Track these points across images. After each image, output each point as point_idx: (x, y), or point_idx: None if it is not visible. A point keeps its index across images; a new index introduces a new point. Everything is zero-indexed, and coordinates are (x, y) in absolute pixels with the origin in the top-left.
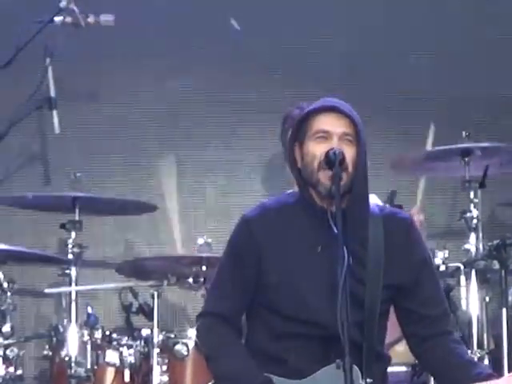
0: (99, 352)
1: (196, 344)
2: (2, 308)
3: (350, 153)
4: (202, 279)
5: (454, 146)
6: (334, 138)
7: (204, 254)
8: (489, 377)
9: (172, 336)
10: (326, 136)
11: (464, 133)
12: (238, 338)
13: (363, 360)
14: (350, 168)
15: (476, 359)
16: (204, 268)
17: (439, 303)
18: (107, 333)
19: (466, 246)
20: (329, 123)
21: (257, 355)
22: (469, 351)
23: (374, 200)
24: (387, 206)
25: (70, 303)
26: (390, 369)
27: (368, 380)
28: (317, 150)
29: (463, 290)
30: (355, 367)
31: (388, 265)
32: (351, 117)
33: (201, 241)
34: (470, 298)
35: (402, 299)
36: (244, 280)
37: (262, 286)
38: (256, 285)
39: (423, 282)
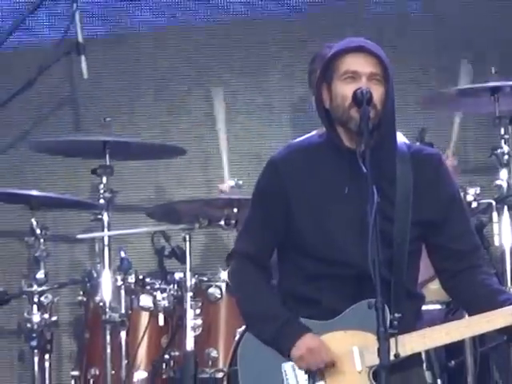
0: (133, 297)
1: (227, 285)
2: (36, 255)
3: (378, 92)
4: (233, 221)
5: (483, 84)
6: (363, 78)
7: (235, 196)
8: None
9: (205, 279)
10: (354, 76)
11: (493, 69)
12: (266, 278)
13: (391, 297)
14: (379, 106)
15: None
16: (235, 210)
17: (469, 238)
18: (140, 277)
19: (498, 182)
20: (357, 63)
21: (289, 297)
22: (503, 287)
23: (401, 138)
24: (417, 143)
25: (103, 248)
26: (424, 307)
27: (396, 315)
28: (346, 90)
29: (496, 226)
30: (385, 305)
31: (416, 201)
32: (379, 56)
33: (232, 182)
34: (503, 234)
35: (432, 235)
36: (272, 221)
37: (291, 228)
38: (285, 227)
39: (452, 218)
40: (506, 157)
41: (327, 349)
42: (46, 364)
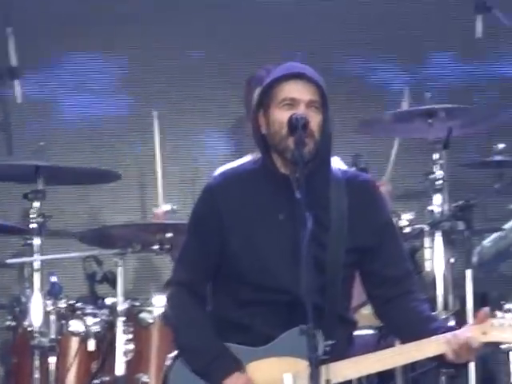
0: (63, 321)
1: (164, 311)
2: None
3: (316, 119)
4: (167, 246)
5: (417, 108)
6: (301, 106)
7: (170, 221)
8: (449, 329)
9: (137, 304)
10: (292, 103)
11: (427, 94)
12: (202, 308)
13: (324, 323)
14: (317, 134)
15: None
16: (169, 235)
17: (402, 264)
18: (71, 302)
19: (431, 208)
20: (296, 90)
21: (222, 323)
22: (434, 312)
23: (338, 163)
24: (352, 169)
25: (33, 273)
26: (356, 332)
27: (329, 341)
28: (285, 117)
29: (428, 251)
30: (318, 331)
31: (351, 228)
32: (318, 84)
33: (167, 207)
34: (435, 259)
35: (365, 261)
36: (208, 249)
37: (226, 255)
38: (220, 254)
39: (386, 244)
40: (439, 182)
41: None
42: None
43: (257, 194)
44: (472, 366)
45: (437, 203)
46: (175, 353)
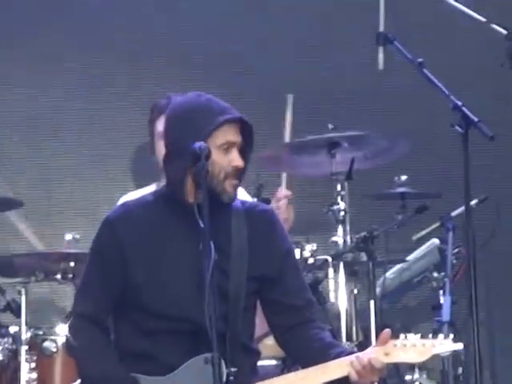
0: None
1: (66, 342)
2: None
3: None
4: (70, 275)
5: (319, 137)
6: (235, 149)
7: (72, 250)
8: (351, 353)
9: (40, 333)
10: (227, 147)
11: (330, 125)
12: (106, 339)
13: (227, 351)
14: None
15: None
16: (72, 264)
17: (302, 293)
18: None
19: (334, 239)
20: (231, 134)
21: (125, 354)
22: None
23: (242, 193)
24: (254, 199)
25: None
26: (260, 362)
27: (232, 369)
28: (225, 160)
29: (331, 282)
30: (221, 360)
31: (252, 257)
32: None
33: (69, 237)
34: (339, 291)
35: (266, 290)
36: (109, 281)
37: (129, 286)
38: (123, 285)
39: (286, 273)
40: (342, 213)
41: None
42: None
43: (159, 223)
44: None
45: (340, 234)
46: (78, 382)
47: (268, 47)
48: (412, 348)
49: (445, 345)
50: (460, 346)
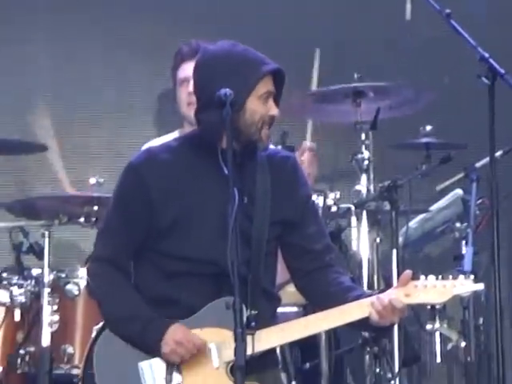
0: None
1: (88, 285)
2: None
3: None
4: (93, 219)
5: (345, 86)
6: (271, 97)
7: (96, 194)
8: (371, 296)
9: (63, 275)
10: (266, 97)
11: (356, 74)
12: (126, 280)
13: (248, 294)
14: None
15: None
16: (95, 207)
17: (322, 238)
18: None
19: (357, 188)
20: (268, 84)
21: (147, 298)
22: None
23: None
24: (279, 147)
25: None
26: (281, 309)
27: (252, 312)
28: (264, 109)
29: (354, 230)
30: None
31: (274, 202)
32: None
33: (93, 180)
34: (361, 239)
35: (287, 235)
36: (132, 225)
37: (152, 230)
38: (146, 229)
39: (307, 218)
40: (366, 162)
41: (194, 335)
42: None
43: (183, 168)
44: (396, 345)
45: (363, 183)
46: (100, 324)
47: None
48: (433, 289)
49: (466, 285)
50: (481, 286)
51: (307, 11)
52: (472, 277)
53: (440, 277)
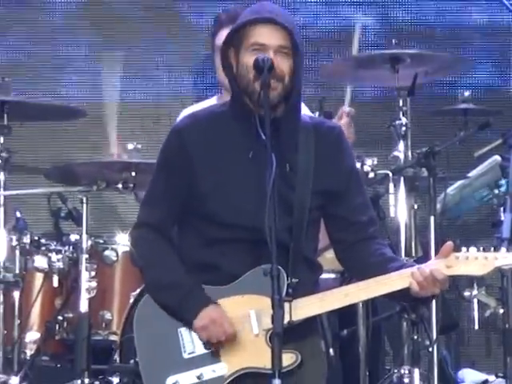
0: (28, 257)
1: (130, 251)
2: None
3: (286, 65)
4: (131, 185)
5: (382, 51)
6: (270, 51)
7: (133, 160)
8: (412, 266)
9: (101, 242)
10: (261, 49)
11: (393, 40)
12: (170, 247)
13: (289, 262)
14: (286, 79)
15: None
16: (133, 173)
17: (366, 210)
18: (36, 238)
19: (395, 154)
20: (265, 36)
21: (188, 264)
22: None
23: (304, 109)
24: (316, 113)
25: None
26: None
27: (293, 280)
28: (252, 61)
29: (392, 197)
30: (282, 271)
31: (317, 171)
32: (288, 28)
33: (131, 146)
34: (399, 206)
35: (330, 206)
36: (176, 190)
37: (194, 195)
38: (188, 194)
39: (351, 190)
40: (404, 129)
41: (229, 320)
42: None
43: (225, 134)
44: (434, 312)
45: (401, 149)
46: (138, 291)
47: None
48: (474, 261)
49: (508, 258)
50: None
51: None
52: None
53: (481, 248)
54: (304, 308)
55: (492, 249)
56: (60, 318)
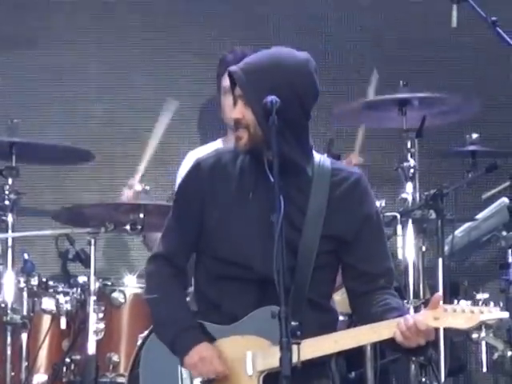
0: (35, 299)
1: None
2: None
3: (248, 112)
4: (139, 227)
5: (391, 96)
6: (239, 102)
7: (142, 202)
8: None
9: (109, 283)
10: (235, 100)
11: (401, 82)
12: (179, 281)
13: (290, 304)
14: (251, 129)
15: (412, 308)
16: (142, 215)
17: (381, 261)
18: (43, 280)
19: (403, 196)
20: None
21: (200, 299)
22: (405, 301)
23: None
24: (324, 154)
25: (7, 250)
26: None
27: (294, 323)
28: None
29: (400, 239)
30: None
31: (329, 216)
32: (239, 81)
33: (139, 188)
34: (407, 248)
35: (343, 253)
36: (188, 222)
37: (204, 230)
38: (199, 228)
39: (365, 238)
40: (412, 170)
41: (220, 358)
42: None
43: (237, 173)
44: (442, 355)
45: (409, 191)
46: (146, 333)
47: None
48: (461, 314)
49: (493, 313)
50: (506, 314)
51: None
52: (500, 305)
53: (469, 302)
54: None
55: (480, 303)
56: (67, 360)
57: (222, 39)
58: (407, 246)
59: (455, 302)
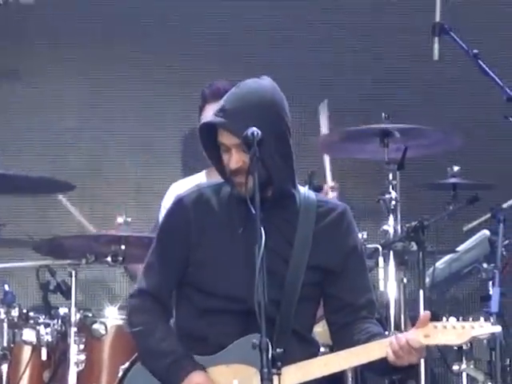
0: (16, 330)
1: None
2: None
3: (248, 158)
4: (120, 258)
5: (372, 126)
6: (233, 150)
7: (123, 233)
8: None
9: (90, 315)
10: (225, 149)
11: (383, 114)
12: (165, 316)
13: (275, 335)
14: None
15: None
16: (123, 247)
17: (363, 292)
18: (24, 311)
19: (385, 228)
20: (223, 136)
21: (183, 334)
22: (386, 332)
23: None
24: (306, 187)
25: None
26: None
27: (278, 350)
28: (225, 159)
29: (381, 271)
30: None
31: (315, 247)
32: (233, 131)
33: (120, 219)
34: (388, 280)
35: (327, 284)
36: (173, 258)
37: (189, 264)
38: (184, 263)
39: (349, 270)
40: (393, 202)
41: None
42: None
43: (222, 208)
44: None
45: (390, 223)
46: (127, 364)
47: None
48: (451, 330)
49: (484, 327)
50: (498, 328)
51: (336, 46)
52: (491, 320)
53: (460, 318)
54: (284, 378)
55: (470, 318)
56: None
57: (204, 71)
58: (389, 277)
59: (444, 319)
